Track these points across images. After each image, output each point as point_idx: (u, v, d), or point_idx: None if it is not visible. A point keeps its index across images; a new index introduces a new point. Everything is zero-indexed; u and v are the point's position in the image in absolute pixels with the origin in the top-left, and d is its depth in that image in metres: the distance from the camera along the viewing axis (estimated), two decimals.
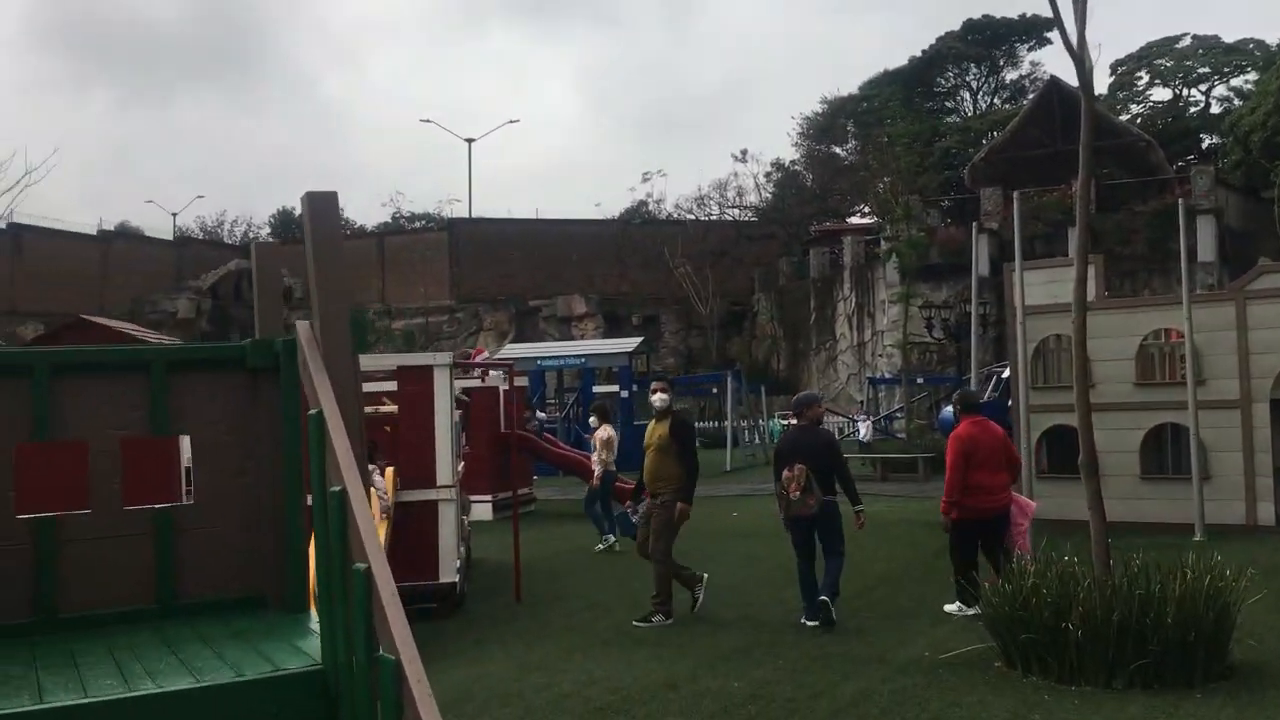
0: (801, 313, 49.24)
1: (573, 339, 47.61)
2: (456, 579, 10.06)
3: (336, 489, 2.83)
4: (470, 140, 60.78)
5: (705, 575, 9.86)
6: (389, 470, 9.90)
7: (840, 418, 35.07)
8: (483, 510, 17.32)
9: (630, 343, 30.34)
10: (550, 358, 29.20)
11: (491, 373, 18.04)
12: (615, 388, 28.53)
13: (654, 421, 9.84)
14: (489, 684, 7.53)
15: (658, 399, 9.86)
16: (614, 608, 10.24)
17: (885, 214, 39.54)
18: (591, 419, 15.26)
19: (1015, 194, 13.72)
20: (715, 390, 34.88)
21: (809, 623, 9.14)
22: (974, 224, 16.77)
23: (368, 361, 15.48)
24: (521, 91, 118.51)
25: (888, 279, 38.89)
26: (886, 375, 36.72)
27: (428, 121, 65.98)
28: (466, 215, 58.06)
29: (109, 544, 3.83)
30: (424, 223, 61.59)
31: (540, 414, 25.19)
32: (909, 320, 29.59)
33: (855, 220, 52.73)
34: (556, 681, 7.54)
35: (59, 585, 3.73)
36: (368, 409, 12.49)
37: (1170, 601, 6.93)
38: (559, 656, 8.31)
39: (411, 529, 9.80)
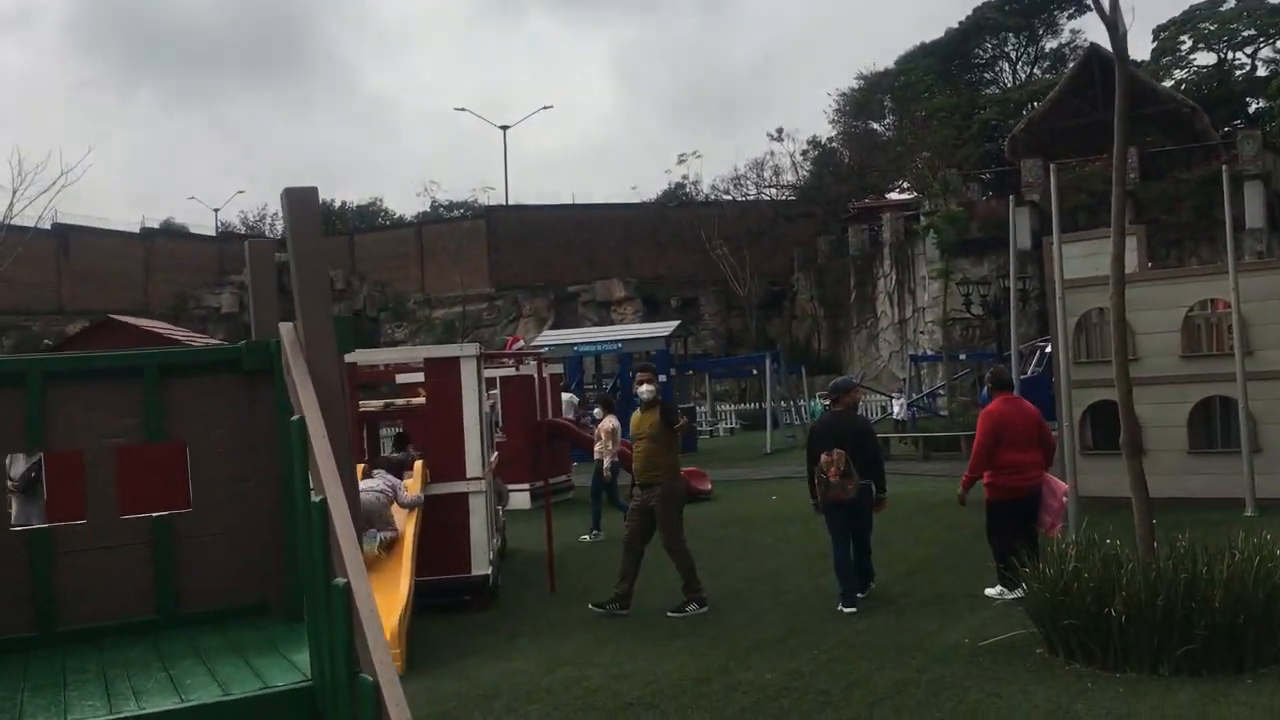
0: (841, 291, 48.79)
1: (612, 323, 47.51)
2: (489, 571, 9.98)
3: (318, 499, 2.71)
4: (505, 127, 60.80)
5: (706, 608, 9.36)
6: (418, 464, 9.82)
7: (881, 396, 34.68)
8: (520, 499, 17.27)
9: (667, 326, 30.14)
10: (587, 343, 29.08)
11: (528, 360, 17.95)
12: None
13: (640, 411, 9.65)
14: (518, 679, 7.43)
15: (644, 390, 9.67)
16: (648, 598, 10.09)
17: (923, 189, 38.99)
18: (596, 410, 15.15)
19: (1053, 165, 13.35)
20: (755, 372, 34.60)
21: (846, 609, 9.03)
22: (1011, 196, 16.35)
23: (400, 354, 15.51)
24: (557, 77, 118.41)
25: (928, 255, 38.37)
26: (928, 352, 36.26)
27: (462, 110, 66.04)
28: (503, 203, 58.04)
29: (107, 554, 3.75)
30: (462, 211, 61.70)
31: (573, 398, 25.06)
32: (948, 296, 29.15)
33: (894, 196, 52.12)
34: (587, 676, 7.43)
35: (58, 598, 3.65)
36: (401, 401, 12.45)
37: (1217, 584, 6.69)
38: (590, 649, 8.21)
39: (442, 522, 9.72)
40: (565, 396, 24.85)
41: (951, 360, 31.82)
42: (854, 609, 9.02)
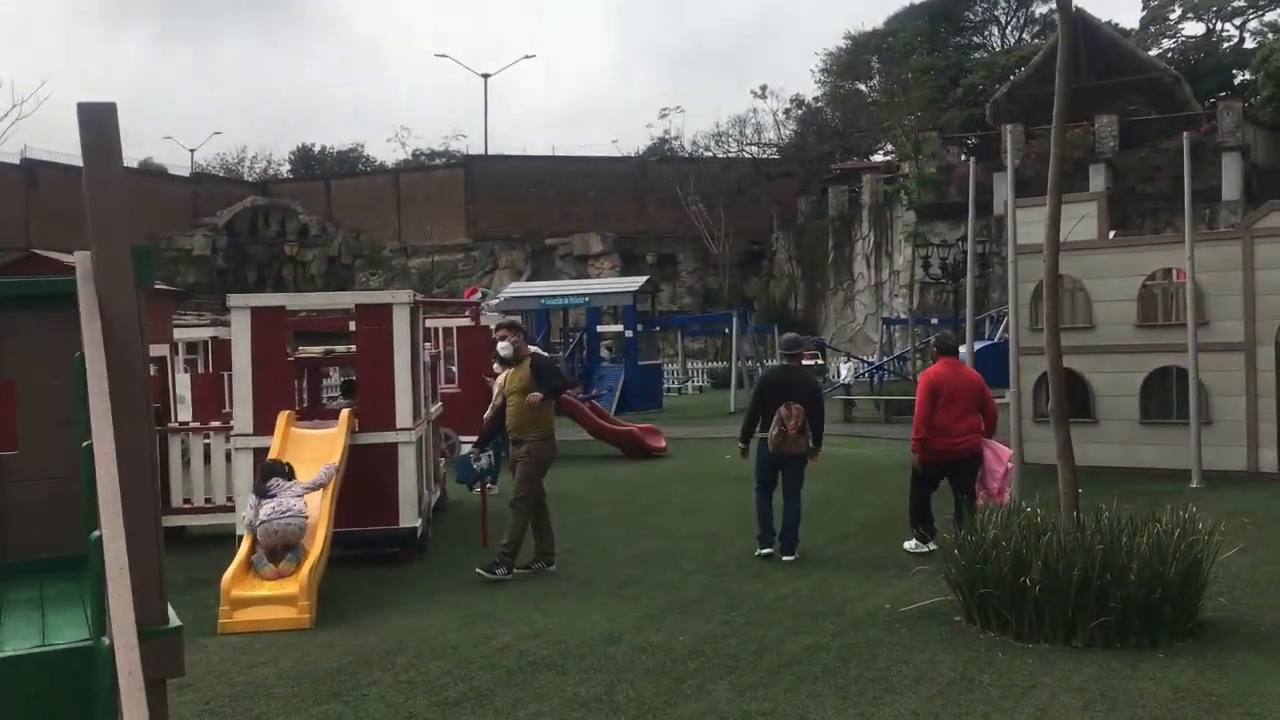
0: (820, 252, 48.57)
1: (589, 277, 47.19)
2: (418, 524, 9.81)
3: (86, 444, 2.51)
4: (486, 76, 60.07)
5: (554, 568, 9.28)
6: (344, 412, 9.61)
7: (854, 360, 34.51)
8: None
9: (635, 281, 29.89)
10: (554, 296, 28.82)
11: (487, 310, 17.71)
12: (620, 327, 28.21)
13: (510, 369, 9.46)
14: (427, 635, 7.28)
15: (501, 347, 9.48)
16: (581, 555, 9.99)
17: (902, 151, 38.73)
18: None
19: (1007, 128, 13.17)
20: (727, 331, 34.45)
21: (762, 551, 9.50)
22: (971, 159, 16.19)
23: (329, 299, 15.12)
24: (547, 29, 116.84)
25: (905, 218, 38.17)
26: (901, 316, 36.15)
27: (443, 56, 65.01)
28: (483, 153, 57.43)
29: None
30: (443, 161, 61.06)
31: (538, 351, 24.86)
32: (916, 260, 29.00)
33: (877, 159, 51.76)
34: (498, 633, 7.29)
35: None
36: (343, 348, 12.21)
37: (1135, 556, 6.57)
38: (509, 606, 8.06)
39: (370, 472, 9.52)
40: (530, 349, 24.63)
41: (921, 324, 31.70)
42: (769, 550, 9.50)
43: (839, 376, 29.22)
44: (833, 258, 47.49)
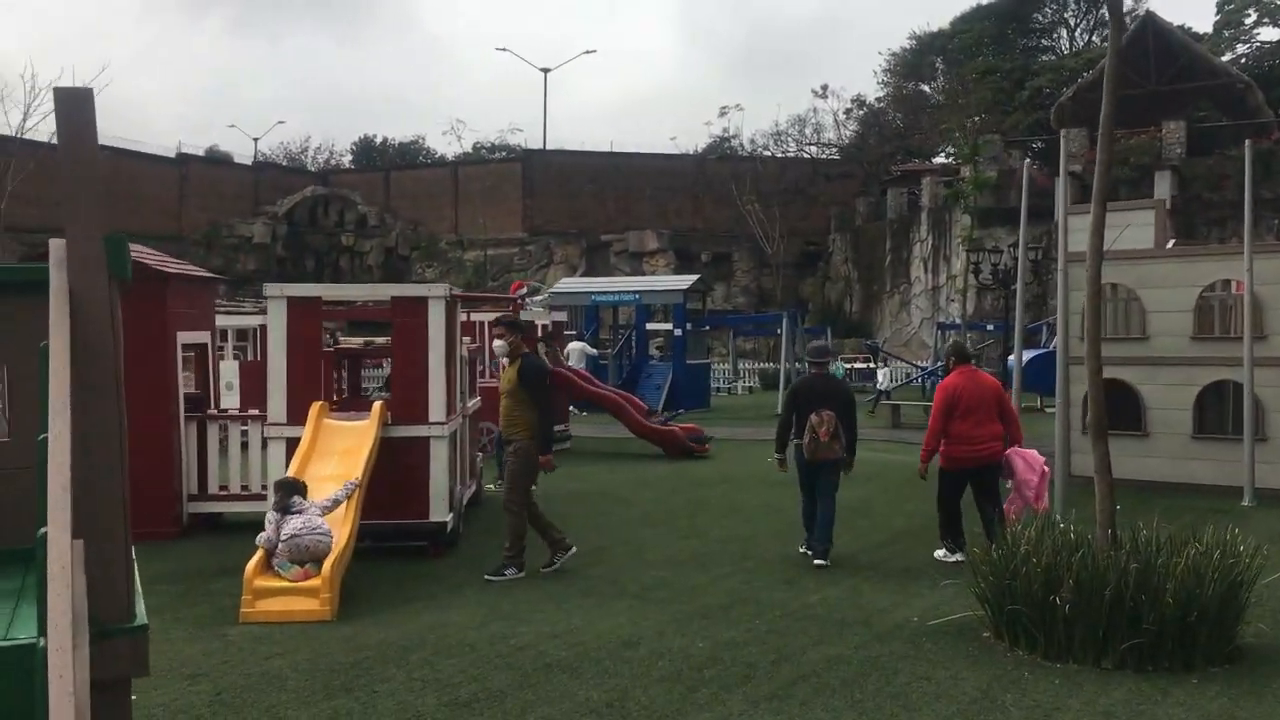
0: (877, 254, 48.01)
1: (643, 274, 47.11)
2: (448, 518, 9.78)
3: (42, 437, 2.46)
4: (546, 70, 60.14)
5: (574, 548, 9.25)
6: (376, 404, 9.60)
7: (891, 365, 33.99)
8: None
9: (685, 280, 29.72)
10: (604, 293, 28.73)
11: (531, 305, 17.69)
12: (669, 325, 28.08)
13: (505, 366, 9.39)
14: (447, 632, 7.24)
15: (497, 345, 9.39)
16: (612, 555, 9.91)
17: (961, 154, 38.15)
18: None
19: (1063, 132, 12.83)
20: (779, 331, 34.19)
21: (807, 551, 9.57)
22: (1024, 162, 15.86)
23: (366, 291, 15.12)
24: (609, 23, 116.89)
25: (962, 222, 37.60)
26: (956, 321, 35.60)
27: (504, 50, 65.32)
28: (541, 147, 57.55)
29: None
30: (503, 154, 61.29)
31: (585, 347, 24.83)
32: (969, 265, 28.53)
33: (939, 161, 51.06)
34: (517, 632, 7.23)
35: None
36: (383, 340, 12.24)
37: (1170, 576, 6.34)
38: (532, 605, 8.00)
39: (402, 465, 9.52)
40: (577, 345, 24.67)
41: (976, 329, 31.20)
42: (815, 555, 9.45)
43: (876, 382, 28.64)
44: (890, 260, 46.93)
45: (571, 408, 21.68)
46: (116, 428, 2.73)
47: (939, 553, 9.52)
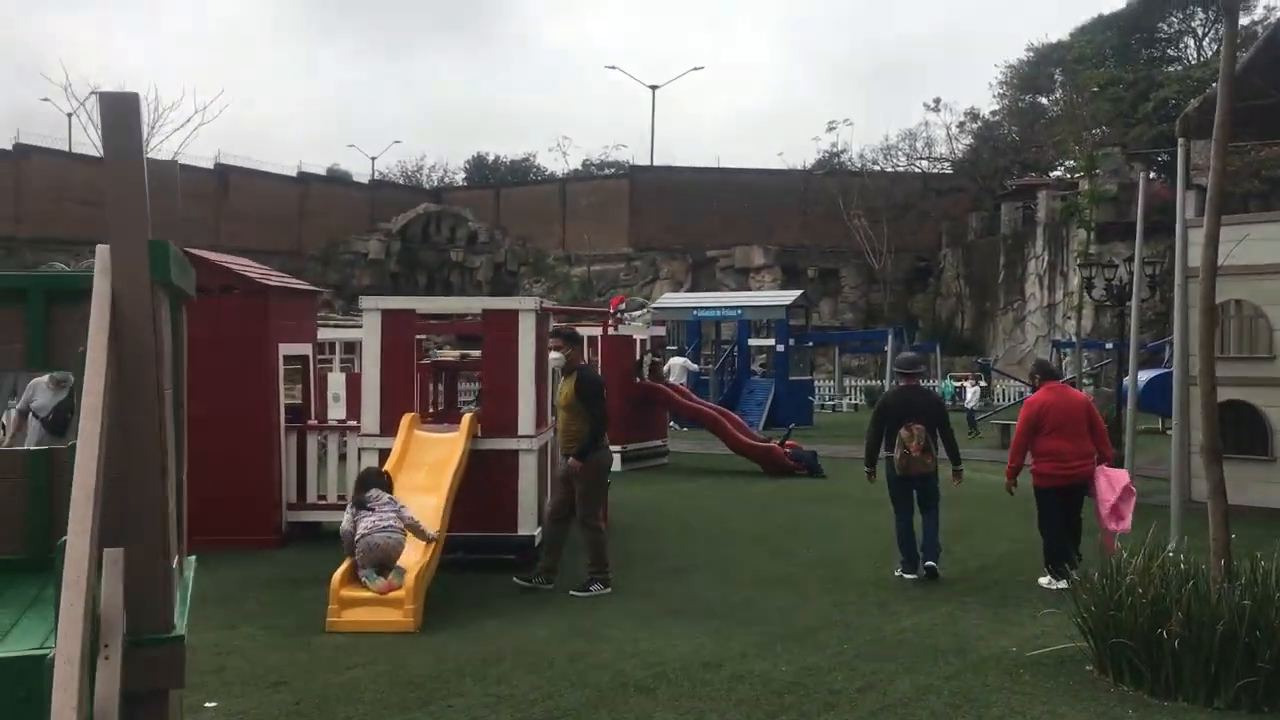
0: (990, 270, 46.87)
1: (749, 290, 46.79)
2: (536, 532, 9.72)
3: (72, 443, 2.42)
4: (654, 87, 60.32)
5: (610, 588, 8.87)
6: (466, 417, 9.61)
7: (1016, 382, 33.04)
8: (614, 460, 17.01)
9: (788, 295, 29.38)
10: (706, 308, 28.55)
11: (630, 320, 17.64)
12: (771, 341, 27.77)
13: (563, 379, 9.15)
14: (527, 647, 7.16)
15: (553, 357, 9.15)
16: (700, 573, 9.74)
17: (1077, 167, 37.05)
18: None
19: (1180, 140, 12.27)
20: (886, 349, 33.56)
21: (907, 575, 9.31)
22: (1142, 174, 15.24)
23: (458, 304, 15.21)
24: (722, 40, 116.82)
25: (1079, 236, 36.46)
26: (1072, 339, 34.50)
27: (613, 68, 65.81)
28: (648, 163, 57.70)
29: None
30: (613, 170, 61.63)
31: (687, 362, 24.69)
32: (1082, 281, 27.59)
33: (1056, 174, 49.68)
34: (597, 650, 7.11)
35: None
36: (478, 352, 12.28)
37: None
38: (614, 621, 7.88)
39: (491, 479, 9.50)
40: (678, 360, 24.56)
41: (1094, 348, 30.17)
42: (914, 575, 9.30)
43: (964, 401, 27.54)
44: (1003, 276, 45.77)
45: (672, 424, 21.58)
46: (156, 433, 2.69)
47: (1044, 580, 9.15)
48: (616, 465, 17.08)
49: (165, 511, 2.77)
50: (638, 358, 18.02)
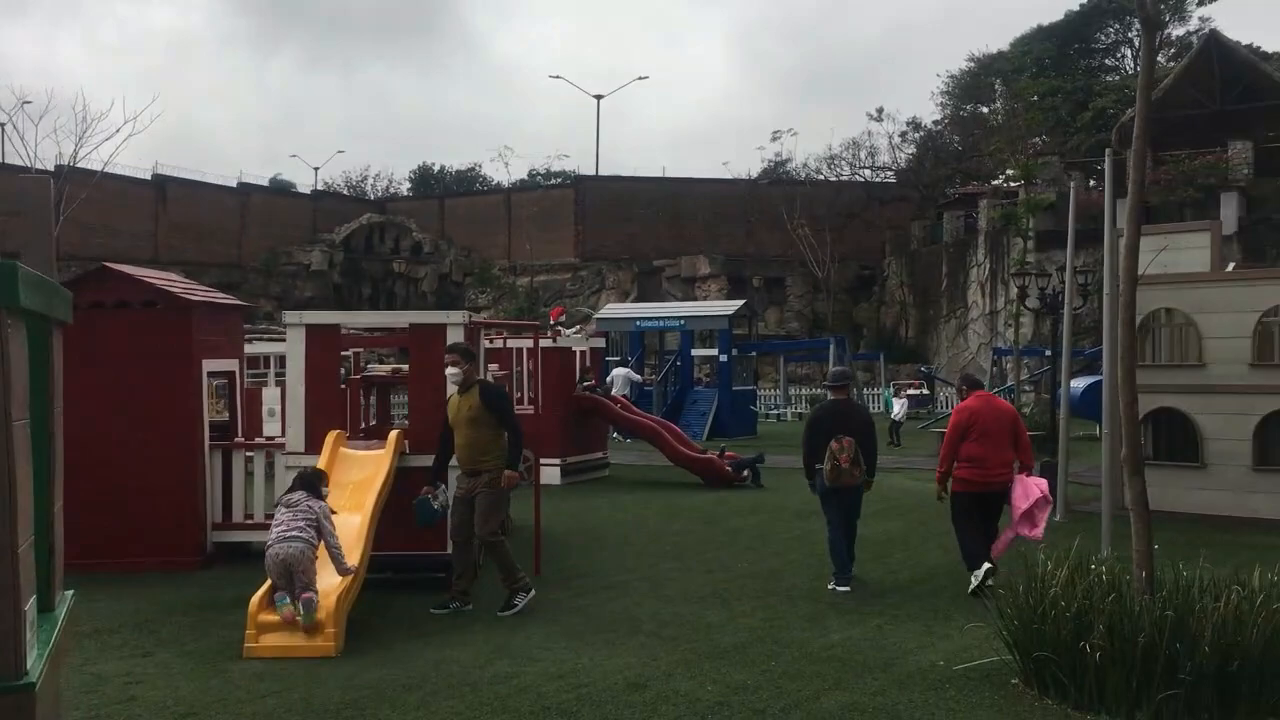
0: (933, 278, 47.33)
1: (696, 299, 46.84)
2: None
3: None
4: (599, 96, 60.31)
5: (533, 591, 8.78)
6: (393, 433, 9.43)
7: (907, 396, 33.14)
8: (551, 474, 16.87)
9: (731, 305, 29.39)
10: (648, 319, 28.49)
11: (567, 334, 17.51)
12: (714, 351, 27.76)
13: (456, 394, 8.91)
14: (450, 670, 7.00)
15: (450, 373, 8.90)
16: (633, 589, 9.62)
17: (1018, 176, 37.52)
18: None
19: (1108, 150, 12.40)
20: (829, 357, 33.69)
21: (840, 589, 9.33)
22: (1073, 182, 15.42)
23: (384, 319, 14.92)
24: (668, 51, 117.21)
25: (1018, 245, 36.89)
26: (1013, 346, 34.86)
27: (557, 78, 65.47)
28: (593, 173, 57.63)
29: None
30: (559, 180, 61.49)
31: (629, 373, 24.58)
32: (1015, 289, 27.89)
33: (998, 183, 50.26)
34: (522, 672, 6.97)
35: None
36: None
37: (1208, 623, 5.92)
38: (541, 642, 7.73)
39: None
40: (621, 371, 24.47)
41: (1033, 355, 30.48)
42: (847, 588, 9.35)
43: (891, 412, 27.24)
44: (946, 284, 46.23)
45: (615, 435, 21.47)
46: (3, 467, 2.52)
47: (974, 577, 9.22)
48: (556, 478, 16.99)
49: (14, 550, 2.61)
50: (579, 370, 17.91)
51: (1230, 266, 15.99)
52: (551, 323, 18.71)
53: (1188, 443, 13.66)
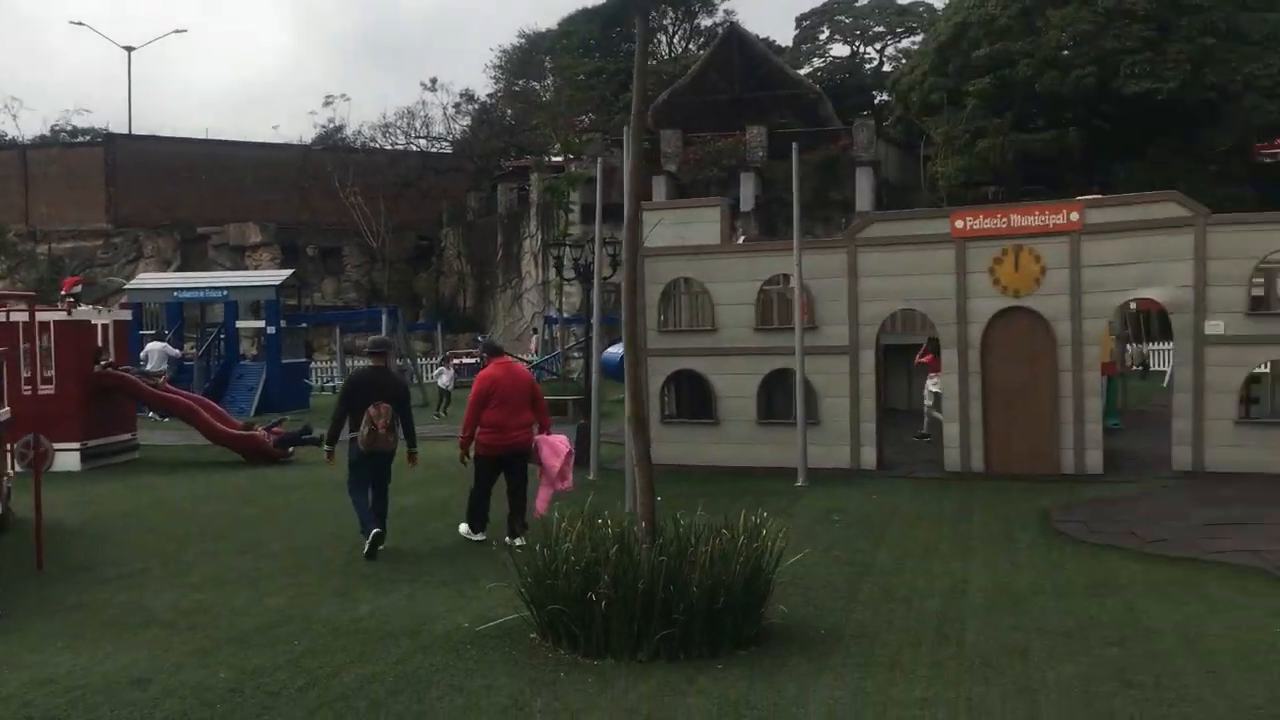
0: (489, 249, 48.17)
1: (246, 269, 44.51)
2: None
3: None
4: (130, 49, 55.44)
5: None
6: None
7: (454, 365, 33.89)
8: (69, 459, 15.40)
9: (279, 275, 28.24)
10: (188, 289, 26.67)
11: (83, 307, 16.00)
12: (261, 323, 26.58)
13: None
14: None
15: None
16: (152, 578, 9.00)
17: (569, 151, 39.11)
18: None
19: (628, 130, 13.17)
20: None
21: (370, 536, 9.51)
22: (599, 159, 16.42)
23: None
24: (217, 5, 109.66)
25: (572, 218, 38.44)
26: (565, 315, 36.36)
27: (79, 24, 58.79)
28: (126, 132, 52.93)
29: None
30: (88, 138, 55.77)
31: (166, 348, 23.03)
32: (551, 260, 29.20)
33: (555, 159, 51.97)
34: (6, 680, 6.27)
35: None
36: None
37: (697, 565, 6.48)
38: (33, 645, 7.02)
39: None
40: (157, 346, 22.81)
41: (578, 324, 31.88)
42: (377, 529, 9.53)
43: (437, 381, 27.11)
44: (501, 255, 47.24)
45: (151, 414, 19.99)
46: None
47: (463, 528, 10.18)
48: (74, 464, 15.52)
49: None
50: (99, 344, 16.42)
51: (741, 239, 17.58)
52: (64, 294, 16.96)
53: (705, 401, 14.91)
